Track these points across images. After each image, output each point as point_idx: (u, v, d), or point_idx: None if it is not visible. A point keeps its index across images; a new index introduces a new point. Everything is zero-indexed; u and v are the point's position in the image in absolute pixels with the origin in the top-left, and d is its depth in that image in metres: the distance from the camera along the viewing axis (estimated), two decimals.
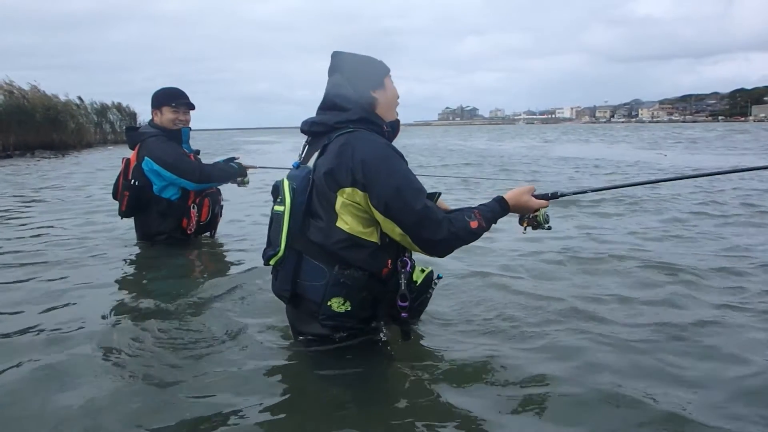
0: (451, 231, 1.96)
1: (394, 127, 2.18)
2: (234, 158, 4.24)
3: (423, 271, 2.19)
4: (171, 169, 3.70)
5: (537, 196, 2.20)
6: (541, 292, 2.99)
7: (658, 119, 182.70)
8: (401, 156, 2.04)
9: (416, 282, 2.15)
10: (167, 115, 3.80)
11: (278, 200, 2.11)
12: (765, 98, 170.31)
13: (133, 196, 3.78)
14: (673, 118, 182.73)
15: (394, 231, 1.96)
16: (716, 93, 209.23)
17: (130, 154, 3.88)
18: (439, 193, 2.26)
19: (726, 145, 21.23)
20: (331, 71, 2.15)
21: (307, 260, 2.05)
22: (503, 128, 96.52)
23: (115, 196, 3.98)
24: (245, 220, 5.45)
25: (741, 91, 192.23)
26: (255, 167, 4.40)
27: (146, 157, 3.70)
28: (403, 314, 2.08)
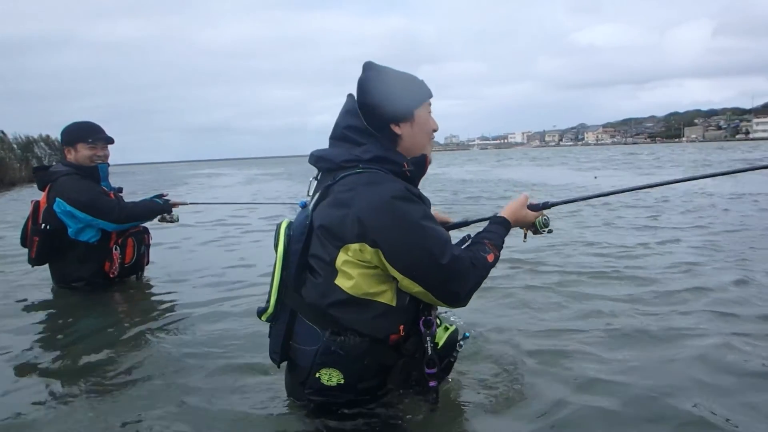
0: (477, 275, 1.71)
1: (419, 164, 1.81)
2: (162, 195, 4.06)
3: (447, 329, 1.85)
4: (87, 210, 3.45)
5: (530, 207, 2.03)
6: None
7: (603, 142, 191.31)
8: (419, 198, 1.74)
9: (438, 344, 1.79)
10: (83, 152, 3.55)
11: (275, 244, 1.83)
12: (695, 121, 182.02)
13: (45, 242, 3.50)
14: (615, 140, 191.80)
15: (413, 288, 1.68)
16: (653, 116, 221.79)
17: (40, 196, 3.60)
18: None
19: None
20: (354, 95, 1.82)
21: (301, 319, 1.76)
22: (463, 154, 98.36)
23: (23, 243, 3.66)
24: (178, 258, 5.15)
25: (675, 115, 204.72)
26: (185, 203, 4.20)
27: (58, 198, 3.43)
28: (431, 383, 1.76)
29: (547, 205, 2.09)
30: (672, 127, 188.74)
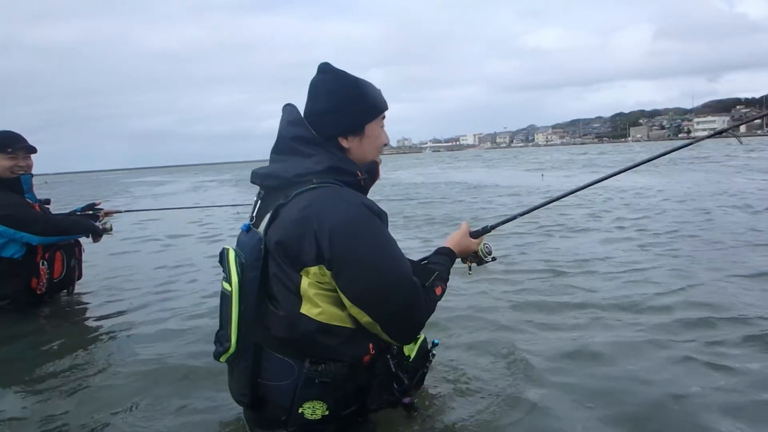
0: (427, 310, 1.63)
1: (371, 171, 1.71)
2: (94, 204, 3.89)
3: (416, 340, 1.76)
4: (8, 223, 3.21)
5: (471, 235, 2.01)
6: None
7: (552, 142, 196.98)
8: (380, 214, 1.60)
9: (409, 357, 1.73)
10: (2, 163, 3.29)
11: (224, 276, 1.64)
12: (639, 121, 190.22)
13: None
14: (564, 141, 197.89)
15: (361, 318, 1.56)
16: (600, 117, 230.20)
17: None
18: None
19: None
20: (292, 104, 1.72)
21: (269, 353, 1.60)
22: (415, 156, 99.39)
23: None
24: (113, 273, 4.87)
25: (620, 115, 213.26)
26: (119, 211, 4.03)
27: None
28: (404, 400, 1.70)
29: (486, 229, 2.09)
30: (618, 127, 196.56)
